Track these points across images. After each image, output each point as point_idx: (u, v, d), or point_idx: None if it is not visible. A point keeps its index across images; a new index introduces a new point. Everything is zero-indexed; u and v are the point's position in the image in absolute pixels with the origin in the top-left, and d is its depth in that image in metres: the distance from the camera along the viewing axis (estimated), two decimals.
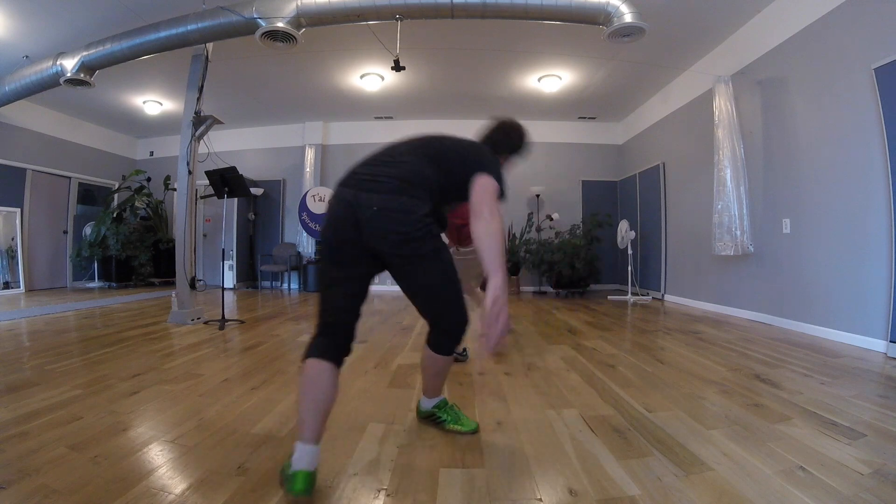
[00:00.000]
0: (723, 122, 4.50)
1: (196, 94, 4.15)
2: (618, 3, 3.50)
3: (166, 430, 1.68)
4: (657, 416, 1.84)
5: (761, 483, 1.30)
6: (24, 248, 6.67)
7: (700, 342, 3.33)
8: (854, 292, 3.26)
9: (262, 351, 3.06)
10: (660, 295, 6.19)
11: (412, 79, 5.89)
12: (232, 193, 4.10)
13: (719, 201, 4.47)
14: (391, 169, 1.41)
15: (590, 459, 1.47)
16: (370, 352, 3.03)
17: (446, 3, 3.57)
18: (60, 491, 1.24)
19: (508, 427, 1.74)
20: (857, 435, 1.62)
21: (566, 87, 6.22)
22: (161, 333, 3.59)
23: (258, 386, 2.26)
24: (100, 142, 7.97)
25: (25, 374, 2.39)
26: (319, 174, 7.77)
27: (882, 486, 1.27)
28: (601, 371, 2.54)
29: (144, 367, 2.56)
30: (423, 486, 1.31)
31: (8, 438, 1.57)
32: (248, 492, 1.26)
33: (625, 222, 6.18)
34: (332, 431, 1.72)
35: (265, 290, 7.63)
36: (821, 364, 2.67)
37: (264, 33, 3.69)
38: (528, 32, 4.66)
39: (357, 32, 4.31)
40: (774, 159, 4.11)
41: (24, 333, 3.59)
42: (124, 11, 4.22)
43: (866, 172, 3.17)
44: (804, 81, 3.76)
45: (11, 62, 4.89)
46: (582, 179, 7.84)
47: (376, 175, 1.39)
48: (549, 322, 4.35)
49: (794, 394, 2.10)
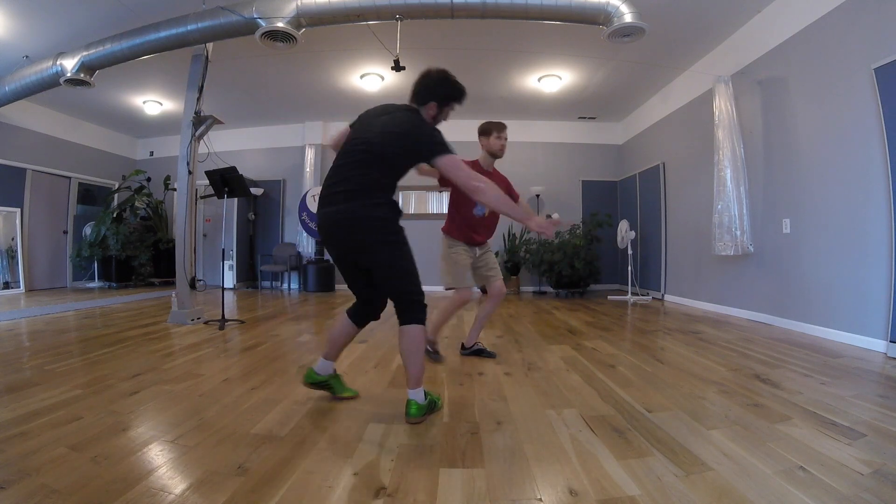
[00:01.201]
0: (723, 122, 4.50)
1: (196, 94, 4.15)
2: (618, 3, 3.50)
3: (166, 430, 1.68)
4: (657, 416, 1.84)
5: (761, 483, 1.30)
6: (24, 248, 6.67)
7: (700, 342, 3.33)
8: (854, 292, 3.26)
9: (262, 351, 3.06)
10: (660, 295, 6.19)
11: (412, 79, 5.86)
12: (232, 193, 4.10)
13: (719, 201, 4.47)
14: (345, 184, 1.75)
15: (590, 459, 1.46)
16: (370, 352, 3.02)
17: (446, 3, 3.57)
18: (60, 491, 1.23)
19: (508, 427, 1.74)
20: (857, 435, 1.62)
21: (566, 87, 6.22)
22: (161, 333, 3.59)
23: (258, 386, 2.26)
24: (100, 142, 7.97)
25: (25, 374, 2.39)
26: (319, 174, 7.76)
27: (882, 486, 1.27)
28: (601, 371, 2.54)
29: (144, 367, 2.56)
30: (423, 486, 1.31)
31: (8, 438, 1.57)
32: (248, 492, 1.26)
33: (625, 222, 6.18)
34: (332, 431, 1.72)
35: (265, 290, 7.63)
36: (821, 364, 2.67)
37: (264, 33, 3.69)
38: (528, 32, 4.66)
39: (357, 32, 4.31)
40: (774, 159, 4.11)
41: (24, 333, 3.59)
42: (124, 11, 4.22)
43: (866, 172, 3.17)
44: (804, 81, 3.76)
45: (11, 62, 4.89)
46: (582, 179, 7.85)
47: (333, 191, 1.77)
48: (549, 322, 4.35)
49: (794, 394, 2.10)
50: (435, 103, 1.84)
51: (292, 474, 1.36)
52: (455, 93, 1.89)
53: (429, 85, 1.87)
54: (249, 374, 2.46)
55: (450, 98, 1.88)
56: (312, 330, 3.94)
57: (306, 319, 4.54)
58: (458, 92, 1.89)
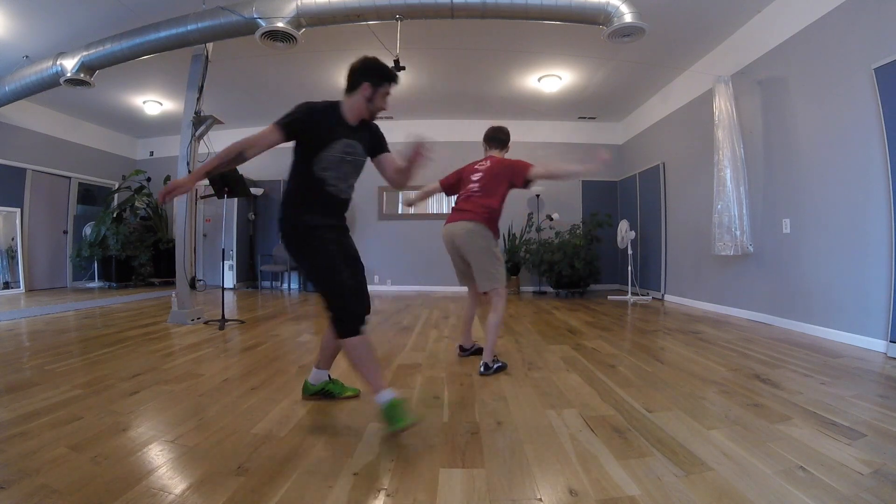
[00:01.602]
0: (723, 122, 4.49)
1: (196, 94, 4.15)
2: (618, 3, 3.50)
3: (166, 430, 1.68)
4: (657, 416, 1.84)
5: (761, 483, 1.30)
6: (24, 248, 6.67)
7: (700, 342, 3.33)
8: (854, 292, 3.26)
9: (262, 351, 3.06)
10: (660, 295, 6.19)
11: (412, 79, 5.89)
12: (232, 193, 4.10)
13: (719, 201, 4.47)
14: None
15: (590, 459, 1.46)
16: None
17: (446, 3, 3.57)
18: (60, 491, 1.24)
19: (508, 427, 1.74)
20: (857, 435, 1.62)
21: (566, 87, 6.22)
22: (161, 333, 3.59)
23: (258, 386, 2.26)
24: (100, 142, 7.97)
25: (25, 374, 2.39)
26: None
27: (882, 486, 1.27)
28: (601, 371, 2.54)
29: (144, 367, 2.56)
30: (423, 486, 1.31)
31: (8, 438, 1.57)
32: (249, 492, 1.26)
33: (625, 222, 6.18)
34: (332, 431, 1.72)
35: (265, 290, 7.63)
36: (821, 364, 2.67)
37: (264, 33, 3.69)
38: (528, 32, 4.65)
39: (357, 32, 4.31)
40: (774, 159, 4.11)
41: (24, 333, 3.59)
42: (124, 11, 4.21)
43: (866, 172, 3.17)
44: (804, 81, 3.76)
45: (11, 62, 4.89)
46: (582, 179, 7.84)
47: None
48: (549, 322, 4.35)
49: (794, 394, 2.10)
50: (367, 83, 1.79)
51: (292, 474, 1.37)
52: (387, 71, 1.83)
53: (362, 69, 1.81)
54: (249, 374, 2.46)
55: (382, 77, 1.81)
56: (312, 330, 3.93)
57: (306, 319, 4.54)
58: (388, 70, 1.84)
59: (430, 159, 1.74)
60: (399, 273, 7.78)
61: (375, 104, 1.83)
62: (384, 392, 1.66)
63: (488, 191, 2.60)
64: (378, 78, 1.79)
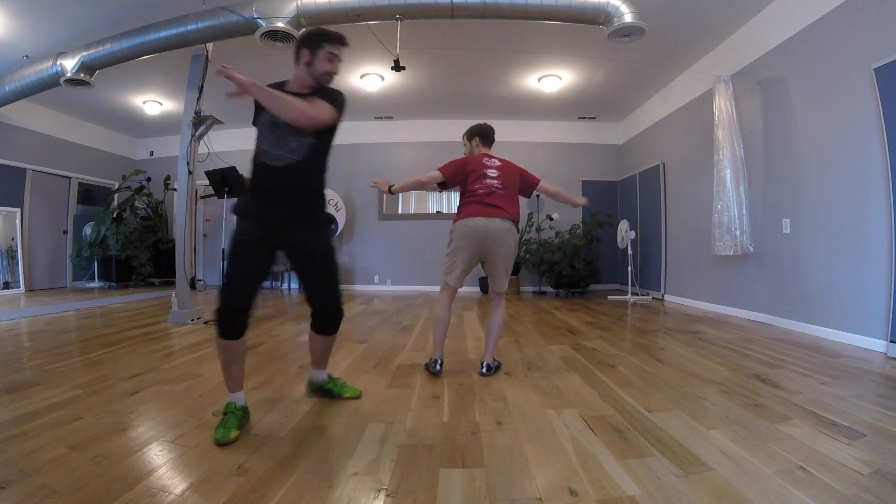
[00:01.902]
0: (723, 122, 4.49)
1: (196, 94, 4.15)
2: (618, 3, 3.50)
3: (166, 430, 1.68)
4: (657, 416, 1.84)
5: (761, 483, 1.30)
6: (24, 248, 6.67)
7: (700, 342, 3.33)
8: (854, 292, 3.26)
9: (262, 351, 3.06)
10: (660, 295, 6.19)
11: (412, 79, 5.89)
12: (232, 193, 4.11)
13: (719, 201, 4.47)
14: None
15: (590, 459, 1.46)
16: (370, 352, 3.03)
17: (446, 3, 3.57)
18: (60, 491, 1.24)
19: (508, 427, 1.74)
20: (857, 435, 1.62)
21: (566, 87, 6.22)
22: (161, 333, 3.59)
23: (258, 386, 2.26)
24: (100, 142, 7.97)
25: (25, 374, 2.39)
26: None
27: (882, 486, 1.27)
28: (601, 371, 2.54)
29: (144, 367, 2.56)
30: (423, 486, 1.31)
31: (8, 438, 1.57)
32: (248, 492, 1.26)
33: (625, 222, 6.18)
34: (332, 431, 1.72)
35: (265, 290, 7.63)
36: (821, 364, 2.67)
37: (264, 33, 3.69)
38: (528, 32, 4.65)
39: (357, 32, 4.30)
40: (774, 159, 4.11)
41: (24, 333, 3.59)
42: (124, 11, 4.21)
43: (866, 172, 3.17)
44: (804, 81, 3.76)
45: (11, 62, 4.89)
46: (582, 179, 7.84)
47: None
48: (549, 322, 4.35)
49: (794, 394, 2.10)
50: (305, 49, 1.79)
51: (292, 474, 1.37)
52: (323, 33, 1.82)
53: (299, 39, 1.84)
54: (249, 374, 2.45)
55: (320, 39, 1.79)
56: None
57: (306, 319, 4.51)
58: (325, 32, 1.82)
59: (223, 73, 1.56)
60: (399, 273, 7.78)
61: (317, 67, 1.79)
62: (232, 395, 1.73)
63: (509, 194, 2.53)
64: (314, 42, 1.78)
